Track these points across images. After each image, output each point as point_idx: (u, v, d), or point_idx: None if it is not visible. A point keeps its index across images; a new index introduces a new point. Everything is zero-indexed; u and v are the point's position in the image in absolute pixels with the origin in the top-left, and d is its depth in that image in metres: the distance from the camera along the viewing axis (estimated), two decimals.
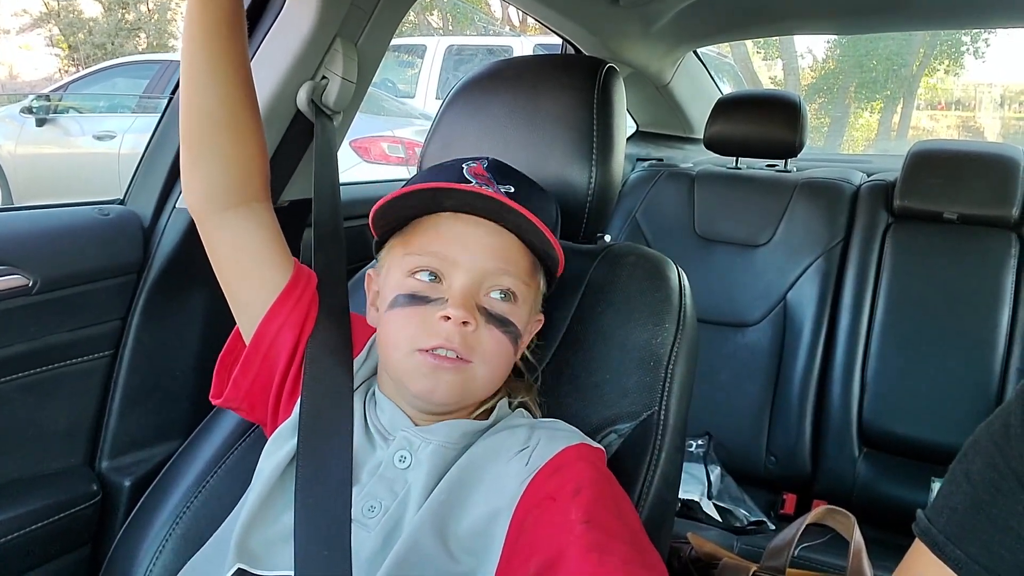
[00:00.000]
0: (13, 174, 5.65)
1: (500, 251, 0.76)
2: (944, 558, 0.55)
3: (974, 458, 0.57)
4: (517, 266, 0.77)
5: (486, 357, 0.75)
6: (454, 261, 0.75)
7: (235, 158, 0.83)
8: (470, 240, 0.75)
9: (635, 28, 1.90)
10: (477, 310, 0.74)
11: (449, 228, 0.76)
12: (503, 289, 0.76)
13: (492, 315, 0.75)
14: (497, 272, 0.75)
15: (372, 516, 0.73)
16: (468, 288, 0.74)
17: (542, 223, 0.74)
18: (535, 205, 0.76)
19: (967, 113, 14.25)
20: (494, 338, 0.75)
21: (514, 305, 0.76)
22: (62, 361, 1.07)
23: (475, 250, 0.75)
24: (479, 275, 0.75)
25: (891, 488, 1.73)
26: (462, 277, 0.75)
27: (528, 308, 0.79)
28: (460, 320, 0.72)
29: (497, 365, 0.77)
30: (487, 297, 0.75)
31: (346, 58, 1.15)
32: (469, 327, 0.73)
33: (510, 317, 0.76)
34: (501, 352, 0.76)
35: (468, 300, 0.73)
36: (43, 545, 1.03)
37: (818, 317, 1.87)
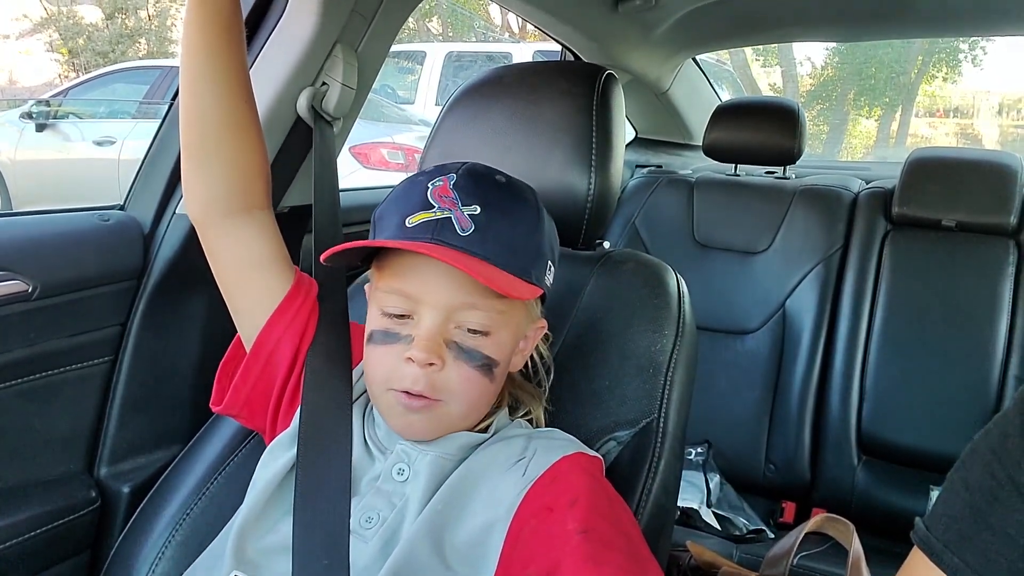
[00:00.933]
0: (13, 180, 5.66)
1: (465, 284, 0.71)
2: (942, 566, 0.55)
3: (972, 466, 0.57)
4: (486, 295, 0.72)
5: (455, 394, 0.73)
6: (418, 299, 0.72)
7: (236, 165, 0.84)
8: (434, 277, 0.72)
9: (634, 35, 1.91)
10: (446, 346, 0.72)
11: (412, 264, 0.73)
12: (471, 326, 0.73)
13: (462, 349, 0.73)
14: (463, 307, 0.72)
15: (369, 527, 0.73)
16: (433, 326, 0.72)
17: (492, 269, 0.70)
18: (498, 237, 0.72)
19: (965, 120, 14.28)
20: (462, 375, 0.73)
21: (485, 337, 0.74)
22: (61, 367, 1.07)
23: (438, 286, 0.72)
24: (444, 311, 0.72)
25: (890, 496, 1.73)
26: (427, 316, 0.72)
27: (509, 333, 0.76)
28: (424, 362, 0.71)
29: (470, 400, 0.75)
30: (456, 331, 0.73)
31: (346, 64, 1.15)
32: (435, 367, 0.71)
33: (481, 350, 0.73)
34: (471, 388, 0.74)
35: (432, 340, 0.71)
36: (42, 552, 1.03)
37: (817, 324, 1.87)
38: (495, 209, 0.73)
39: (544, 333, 0.84)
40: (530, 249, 0.76)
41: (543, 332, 0.83)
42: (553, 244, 0.81)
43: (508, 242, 0.73)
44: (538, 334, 0.82)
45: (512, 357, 0.79)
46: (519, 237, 0.75)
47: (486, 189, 0.75)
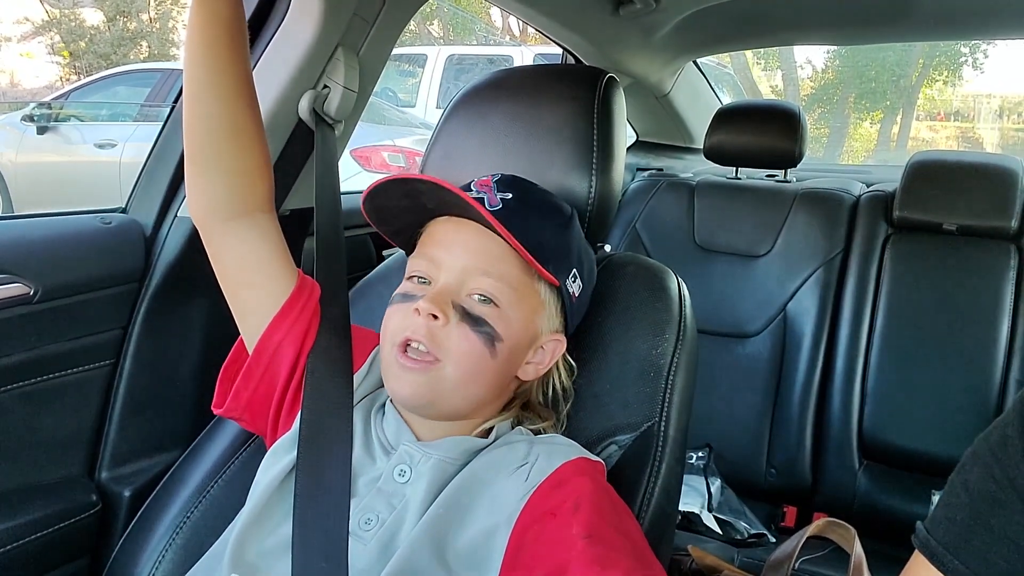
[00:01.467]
0: (14, 182, 5.66)
1: (483, 252, 0.76)
2: (943, 569, 0.55)
3: (972, 469, 0.57)
4: (501, 270, 0.76)
5: (453, 355, 0.74)
6: (439, 262, 0.77)
7: (239, 168, 0.84)
8: (454, 240, 0.77)
9: (635, 38, 1.91)
10: (452, 307, 0.74)
11: (441, 231, 0.79)
12: (481, 293, 0.75)
13: (468, 314, 0.75)
14: (476, 272, 0.76)
15: (368, 529, 0.74)
16: (447, 286, 0.75)
17: (512, 238, 0.73)
18: (524, 221, 0.76)
19: (966, 124, 14.28)
20: (463, 335, 0.74)
21: (495, 308, 0.76)
22: (62, 370, 1.07)
23: (456, 250, 0.77)
24: (459, 274, 0.76)
25: (891, 500, 1.73)
26: (444, 276, 0.76)
27: (520, 316, 0.77)
28: (427, 312, 0.73)
29: (467, 366, 0.75)
30: (467, 297, 0.76)
31: (348, 67, 1.15)
32: (438, 322, 0.73)
33: (486, 318, 0.75)
34: (471, 352, 0.74)
35: (441, 296, 0.74)
36: (42, 555, 1.03)
37: (818, 328, 1.87)
38: (526, 202, 0.79)
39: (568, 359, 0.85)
40: (552, 244, 0.79)
41: (562, 348, 0.83)
42: (584, 262, 0.84)
43: (531, 227, 0.76)
44: (556, 349, 0.83)
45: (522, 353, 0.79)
46: (544, 229, 0.79)
47: (524, 187, 0.81)
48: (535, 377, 0.83)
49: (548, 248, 0.78)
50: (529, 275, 0.78)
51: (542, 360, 0.82)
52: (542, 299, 0.80)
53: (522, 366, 0.80)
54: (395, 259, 1.08)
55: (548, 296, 0.80)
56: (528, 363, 0.81)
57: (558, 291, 0.80)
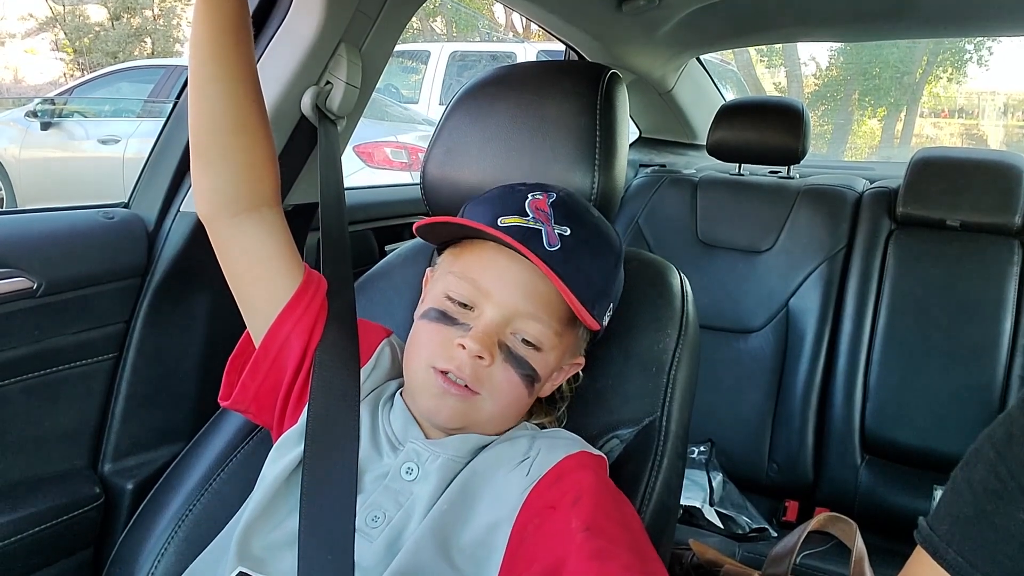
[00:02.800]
0: (18, 177, 5.67)
1: (535, 295, 0.75)
2: (945, 565, 0.55)
3: (976, 465, 0.57)
4: (550, 313, 0.76)
5: (495, 393, 0.75)
6: (487, 293, 0.76)
7: (245, 163, 0.84)
8: (508, 277, 0.76)
9: (638, 35, 1.91)
10: (498, 346, 0.74)
11: (492, 259, 0.77)
12: (529, 336, 0.76)
13: (512, 354, 0.75)
14: (526, 316, 0.75)
15: (375, 526, 0.74)
16: (493, 323, 0.75)
17: (568, 292, 0.72)
18: (579, 262, 0.75)
19: (970, 121, 14.23)
20: (507, 377, 0.75)
21: (537, 352, 0.76)
22: (66, 364, 1.07)
23: (509, 287, 0.75)
24: (508, 313, 0.75)
25: (893, 496, 1.73)
26: (490, 311, 0.75)
27: (556, 355, 0.79)
28: (474, 353, 0.73)
29: (506, 404, 0.77)
30: (511, 336, 0.75)
31: (350, 63, 1.15)
32: (483, 362, 0.74)
33: (530, 361, 0.76)
34: (512, 392, 0.76)
35: (489, 336, 0.74)
36: (45, 548, 1.03)
37: (820, 324, 1.87)
38: (583, 237, 0.77)
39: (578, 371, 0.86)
40: (601, 286, 0.79)
41: (578, 368, 0.85)
42: (619, 290, 0.84)
43: (586, 271, 0.76)
44: (573, 369, 0.84)
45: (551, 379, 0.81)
46: (596, 271, 0.78)
47: (580, 216, 0.79)
48: (551, 391, 0.84)
49: (596, 290, 0.78)
50: (572, 319, 0.78)
51: (559, 378, 0.83)
52: (579, 337, 0.82)
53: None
54: (398, 254, 1.08)
55: (584, 333, 0.82)
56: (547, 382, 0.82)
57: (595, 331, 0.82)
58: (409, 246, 1.08)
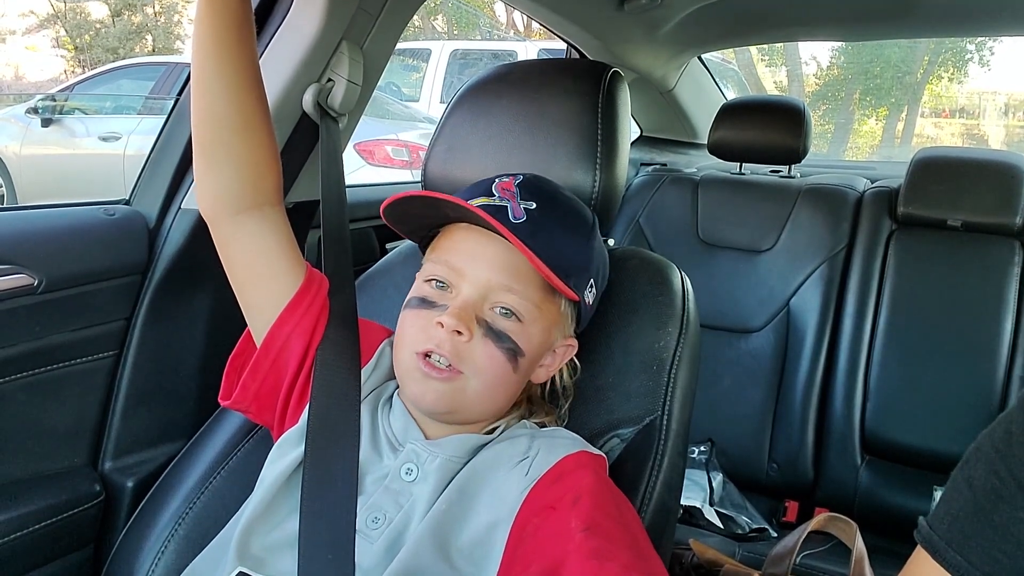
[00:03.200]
0: (18, 174, 5.67)
1: (508, 268, 0.76)
2: (945, 565, 0.55)
3: (976, 465, 0.57)
4: (525, 284, 0.76)
5: (477, 369, 0.75)
6: (461, 271, 0.76)
7: (247, 162, 0.84)
8: (479, 253, 0.76)
9: (640, 33, 1.90)
10: (477, 322, 0.74)
11: (463, 239, 0.78)
12: (504, 306, 0.76)
13: (491, 329, 0.75)
14: (500, 288, 0.76)
15: (376, 527, 0.74)
16: (469, 300, 0.75)
17: (535, 257, 0.73)
18: (548, 234, 0.76)
19: (971, 121, 14.22)
20: (488, 352, 0.75)
21: (518, 323, 0.76)
22: (66, 361, 1.07)
23: (481, 263, 0.76)
24: (483, 288, 0.75)
25: (893, 496, 1.73)
26: (467, 289, 0.76)
27: (540, 329, 0.78)
28: (452, 328, 0.73)
29: (491, 381, 0.76)
30: (490, 311, 0.76)
31: (352, 61, 1.15)
32: (462, 337, 0.74)
33: (510, 334, 0.76)
34: (494, 367, 0.75)
35: (465, 311, 0.74)
36: (45, 545, 1.03)
37: (821, 323, 1.87)
38: (550, 210, 0.78)
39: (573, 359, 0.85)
40: (575, 257, 0.79)
41: (572, 352, 0.84)
42: (600, 269, 0.85)
43: (555, 242, 0.76)
44: (567, 353, 0.84)
45: (538, 362, 0.81)
46: (568, 243, 0.79)
47: (547, 193, 0.80)
48: (546, 378, 0.84)
49: (571, 263, 0.78)
50: (550, 290, 0.78)
51: (552, 363, 0.83)
52: (561, 312, 0.81)
53: (535, 370, 0.82)
54: (398, 252, 1.08)
55: (566, 307, 0.81)
56: (540, 366, 0.82)
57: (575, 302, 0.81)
58: (410, 244, 1.08)
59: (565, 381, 0.86)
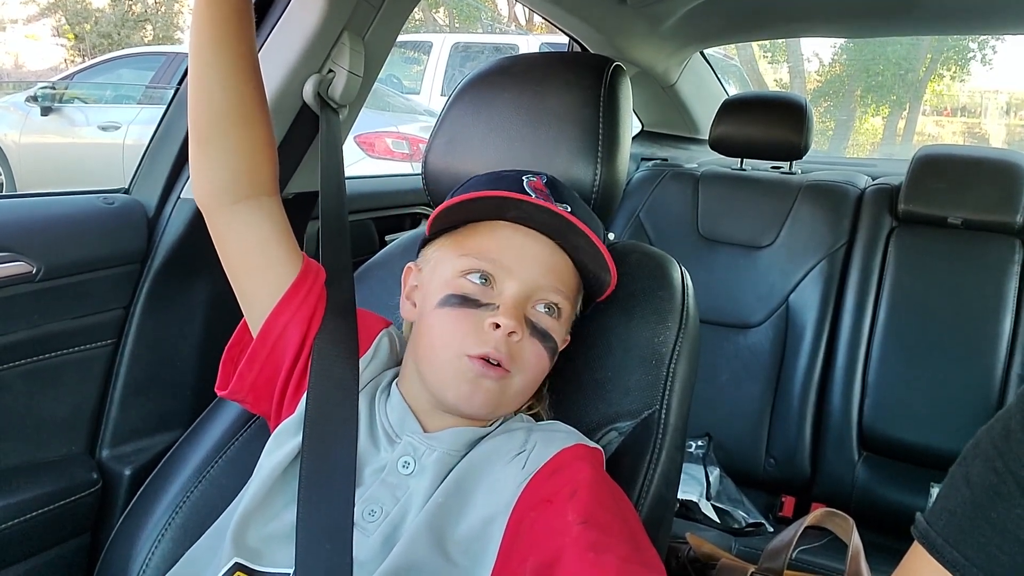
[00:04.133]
0: (17, 162, 5.66)
1: (553, 268, 0.78)
2: (942, 561, 0.55)
3: (974, 461, 0.57)
4: (566, 285, 0.79)
5: (524, 368, 0.76)
6: (508, 269, 0.76)
7: (244, 152, 0.83)
8: (527, 252, 0.77)
9: (642, 28, 1.90)
10: (524, 322, 0.75)
11: (508, 237, 0.78)
12: (550, 303, 0.77)
13: (536, 328, 0.76)
14: (548, 288, 0.77)
15: (372, 520, 0.74)
16: (519, 298, 0.75)
17: (603, 245, 0.76)
18: (590, 226, 0.78)
19: (973, 119, 14.23)
20: (535, 351, 0.76)
21: (557, 321, 0.78)
22: (64, 349, 1.07)
23: (530, 263, 0.77)
24: (531, 287, 0.76)
25: (890, 492, 1.73)
26: (514, 286, 0.76)
27: (566, 328, 0.81)
28: (509, 330, 0.73)
29: (533, 378, 0.78)
30: (533, 310, 0.76)
31: (353, 52, 1.15)
32: (515, 337, 0.74)
33: (552, 332, 0.77)
34: (539, 365, 0.77)
35: (518, 310, 0.75)
36: (42, 532, 1.03)
37: (820, 320, 1.87)
38: (583, 212, 0.81)
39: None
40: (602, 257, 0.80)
41: (565, 346, 0.85)
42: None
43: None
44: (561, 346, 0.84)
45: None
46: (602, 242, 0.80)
47: (573, 198, 0.82)
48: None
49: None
50: (579, 288, 0.81)
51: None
52: (577, 309, 0.84)
53: None
54: (398, 244, 1.08)
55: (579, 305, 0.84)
56: None
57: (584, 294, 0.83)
58: (409, 236, 1.08)
59: None
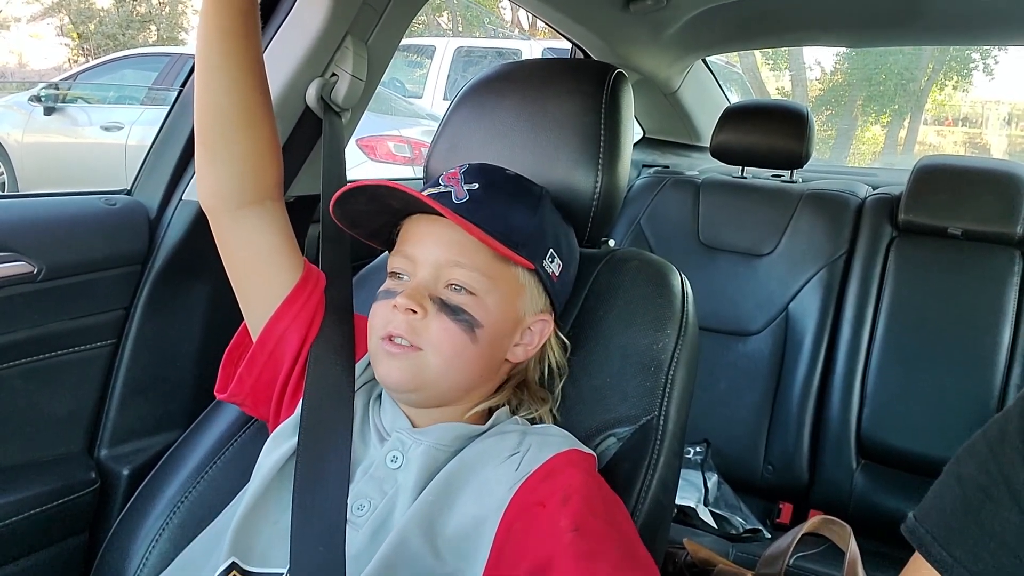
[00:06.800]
0: (20, 162, 5.66)
1: (454, 244, 0.77)
2: (930, 559, 0.55)
3: (967, 461, 0.57)
4: (474, 259, 0.77)
5: (434, 344, 0.76)
6: (414, 258, 0.78)
7: (250, 156, 0.84)
8: (429, 237, 0.79)
9: (645, 35, 1.91)
10: (431, 300, 0.76)
11: (415, 229, 0.80)
12: (456, 282, 0.77)
13: (446, 304, 0.76)
14: (449, 264, 0.77)
15: (361, 515, 0.74)
16: (422, 281, 0.77)
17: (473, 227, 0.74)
18: (492, 208, 0.78)
19: (974, 130, 14.23)
20: (442, 326, 0.76)
21: (472, 296, 0.77)
22: (65, 349, 1.07)
23: (429, 245, 0.78)
24: (433, 267, 0.77)
25: (888, 500, 1.73)
26: (420, 272, 0.78)
27: (496, 300, 0.78)
28: (404, 307, 0.75)
29: (448, 353, 0.76)
30: (444, 289, 0.77)
31: (356, 56, 1.15)
32: (416, 316, 0.75)
33: (463, 307, 0.77)
34: (451, 340, 0.76)
35: (417, 291, 0.76)
36: (41, 531, 1.03)
37: (819, 329, 1.87)
38: (494, 189, 0.80)
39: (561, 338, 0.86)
40: (524, 228, 0.80)
41: (550, 328, 0.84)
42: (561, 240, 0.84)
43: (500, 215, 0.78)
44: (544, 329, 0.83)
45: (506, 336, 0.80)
46: (513, 214, 0.80)
47: (491, 175, 0.82)
48: (526, 358, 0.83)
49: (520, 232, 0.79)
50: (503, 261, 0.79)
51: (531, 341, 0.83)
52: (521, 282, 0.81)
53: (510, 349, 0.82)
54: None
55: (527, 279, 0.81)
56: (516, 345, 0.82)
57: (537, 273, 0.81)
58: None
59: (558, 358, 0.87)
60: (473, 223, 0.74)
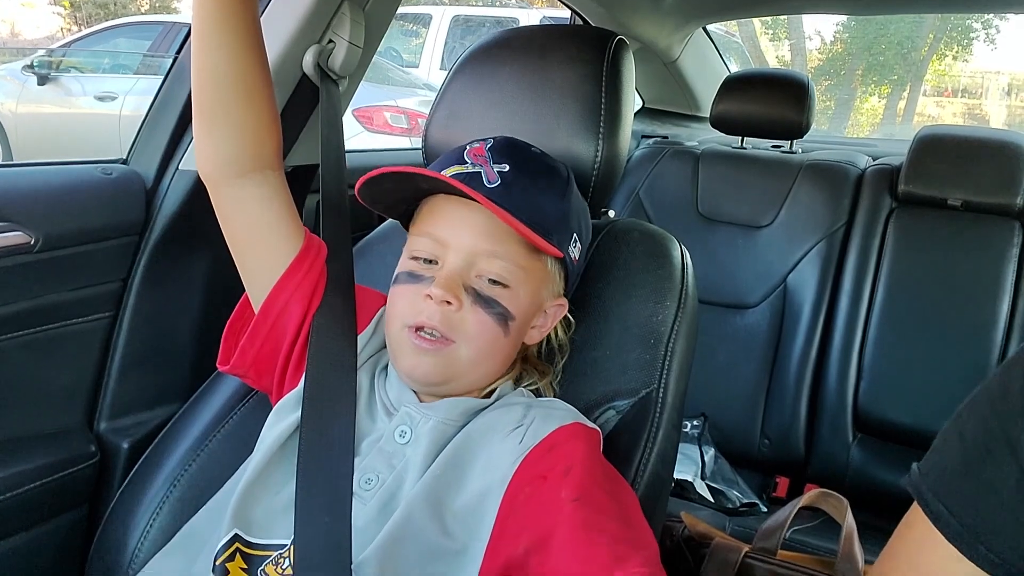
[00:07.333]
0: (13, 132, 5.62)
1: (490, 234, 0.76)
2: (928, 513, 0.56)
3: (969, 418, 0.57)
4: (510, 250, 0.76)
5: (468, 337, 0.75)
6: (446, 243, 0.76)
7: (248, 125, 0.83)
8: (461, 222, 0.76)
9: (645, 2, 1.88)
10: (464, 290, 0.75)
11: (444, 210, 0.78)
12: (492, 275, 0.76)
13: (480, 296, 0.75)
14: (486, 255, 0.76)
15: (369, 488, 0.74)
16: (456, 269, 0.75)
17: (511, 218, 0.72)
18: (524, 193, 0.76)
19: (973, 100, 14.17)
20: (478, 319, 0.75)
21: (506, 289, 0.76)
22: (63, 321, 1.06)
23: (464, 232, 0.76)
24: (469, 256, 0.76)
25: (884, 474, 1.74)
26: (452, 258, 0.76)
27: (528, 291, 0.78)
28: (441, 299, 0.73)
29: (481, 346, 0.76)
30: (477, 279, 0.76)
31: (353, 22, 1.13)
32: (451, 307, 0.74)
33: (499, 299, 0.76)
34: (485, 332, 0.76)
35: (453, 281, 0.74)
36: (40, 504, 1.04)
37: (817, 301, 1.87)
38: (524, 170, 0.78)
39: (565, 315, 0.85)
40: (554, 214, 0.79)
41: (563, 312, 0.84)
42: (582, 221, 0.84)
43: (532, 201, 0.76)
44: (558, 313, 0.84)
45: (529, 323, 0.81)
46: (545, 200, 0.78)
47: (519, 153, 0.80)
48: (539, 340, 0.84)
49: (550, 219, 0.77)
50: (534, 250, 0.78)
51: (545, 323, 0.83)
52: (548, 270, 0.81)
53: (528, 332, 0.81)
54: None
55: (552, 265, 0.81)
56: (532, 328, 0.82)
57: (561, 259, 0.80)
58: None
59: (560, 338, 0.87)
60: (507, 210, 0.72)
